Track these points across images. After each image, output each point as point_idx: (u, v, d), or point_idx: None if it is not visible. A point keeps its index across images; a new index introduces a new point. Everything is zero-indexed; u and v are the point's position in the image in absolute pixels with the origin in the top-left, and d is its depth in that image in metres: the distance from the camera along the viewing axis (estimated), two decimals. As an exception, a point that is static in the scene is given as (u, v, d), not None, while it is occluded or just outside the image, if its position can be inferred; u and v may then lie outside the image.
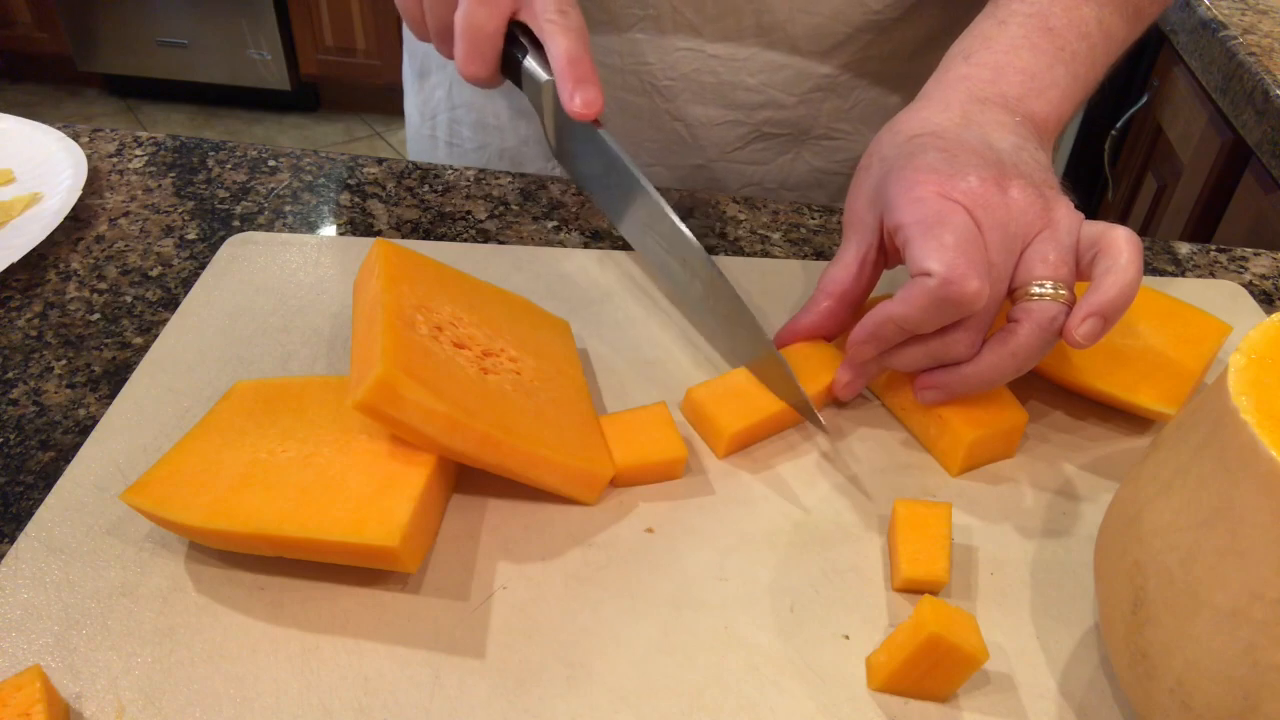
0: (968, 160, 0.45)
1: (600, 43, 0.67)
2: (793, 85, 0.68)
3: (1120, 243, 0.43)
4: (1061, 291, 0.43)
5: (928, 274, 0.42)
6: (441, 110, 0.77)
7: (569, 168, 0.59)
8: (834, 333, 0.50)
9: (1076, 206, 0.47)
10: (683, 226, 0.51)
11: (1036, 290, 0.44)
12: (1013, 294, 0.45)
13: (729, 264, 0.59)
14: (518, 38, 0.54)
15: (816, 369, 0.49)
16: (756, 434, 0.48)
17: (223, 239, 0.60)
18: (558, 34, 0.51)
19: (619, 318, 0.55)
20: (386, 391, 0.39)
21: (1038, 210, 0.45)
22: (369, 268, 0.45)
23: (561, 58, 0.51)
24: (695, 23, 0.65)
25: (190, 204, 0.64)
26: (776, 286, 0.58)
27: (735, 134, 0.70)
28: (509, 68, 0.55)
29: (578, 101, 0.51)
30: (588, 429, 0.45)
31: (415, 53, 0.79)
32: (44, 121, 0.68)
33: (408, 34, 0.79)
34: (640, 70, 0.68)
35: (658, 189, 0.53)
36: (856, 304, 0.50)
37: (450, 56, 0.55)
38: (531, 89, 0.55)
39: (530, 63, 0.54)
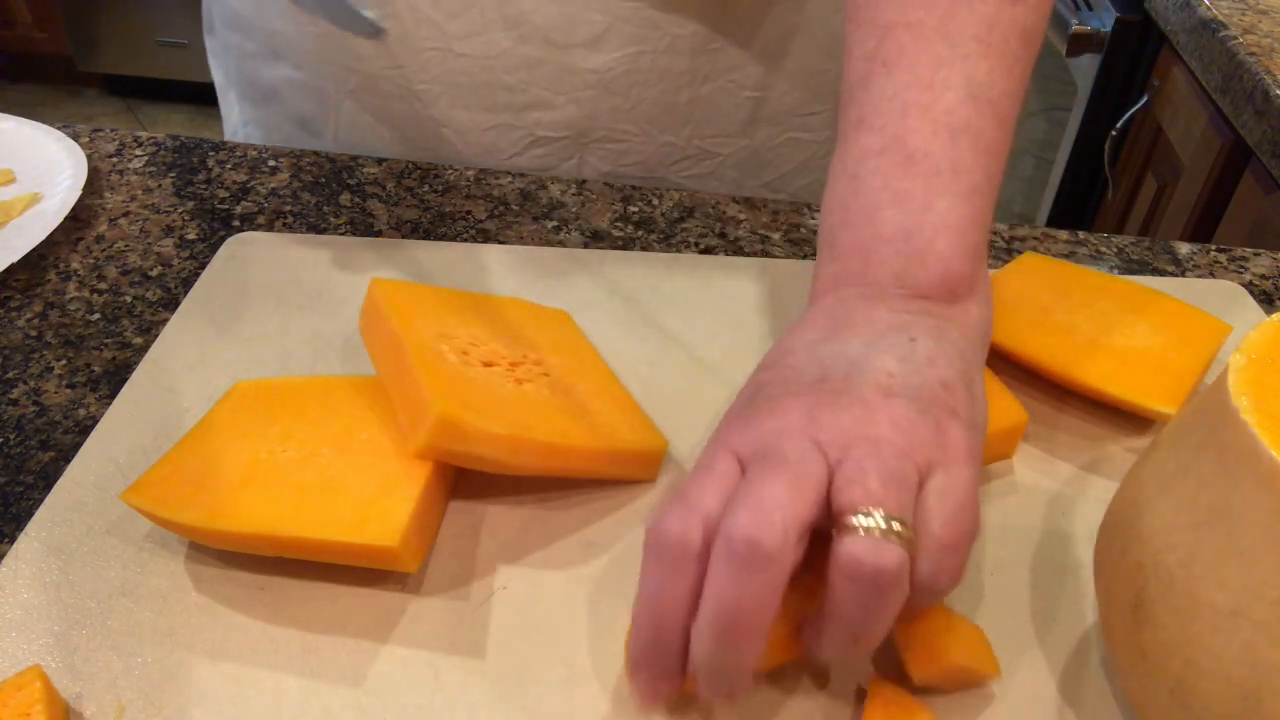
0: (786, 387, 0.37)
1: (352, 48, 0.64)
2: (557, 83, 0.64)
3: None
4: (893, 523, 0.32)
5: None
6: (238, 126, 0.78)
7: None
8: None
9: (1074, 208, 0.44)
10: None
11: (858, 521, 0.32)
12: (834, 519, 0.33)
13: (729, 264, 0.59)
14: None
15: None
16: None
17: (223, 239, 0.60)
18: None
19: (619, 318, 0.55)
20: (448, 430, 0.39)
21: (875, 421, 0.34)
22: (373, 309, 0.45)
23: None
24: (435, 18, 0.61)
25: (190, 204, 0.64)
26: (776, 286, 0.58)
27: (508, 139, 0.66)
28: None
29: None
30: (630, 409, 0.46)
31: (216, 77, 0.79)
32: (44, 121, 0.68)
33: (210, 58, 0.78)
34: (394, 75, 0.65)
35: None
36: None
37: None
38: None
39: None
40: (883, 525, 0.31)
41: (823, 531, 0.33)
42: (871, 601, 0.32)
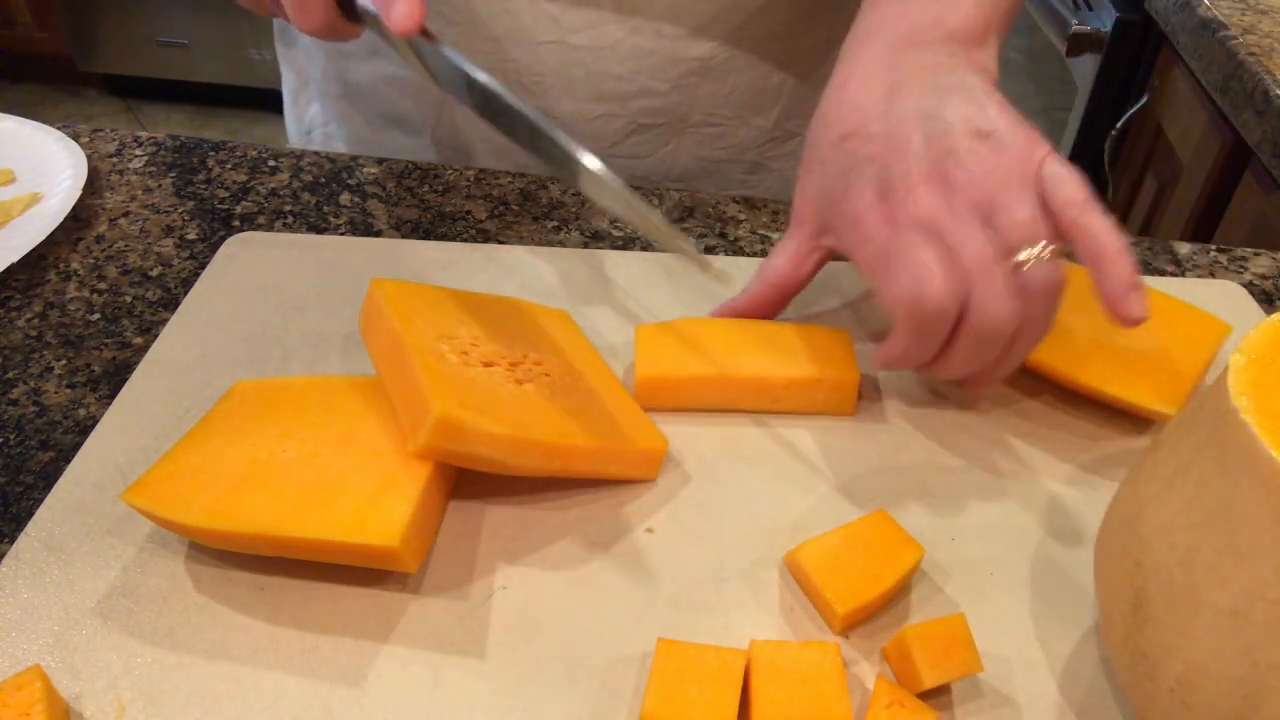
0: (901, 167, 0.44)
1: (462, 44, 0.66)
2: (663, 71, 0.66)
3: (1086, 217, 0.42)
4: (1049, 248, 0.43)
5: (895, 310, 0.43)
6: (317, 125, 0.77)
7: (452, 94, 0.55)
8: (767, 316, 0.52)
9: None
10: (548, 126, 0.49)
11: (1024, 256, 0.43)
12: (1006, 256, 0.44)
13: (729, 264, 0.59)
14: None
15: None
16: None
17: (223, 239, 0.60)
18: None
19: (619, 318, 0.55)
20: (447, 430, 0.39)
21: (985, 172, 0.43)
22: (374, 310, 0.45)
23: None
24: (554, 13, 0.64)
25: (190, 204, 0.64)
26: (776, 286, 0.58)
27: (612, 128, 0.69)
28: (350, 13, 0.50)
29: (395, 18, 0.47)
30: (629, 409, 0.46)
31: (289, 71, 0.79)
32: (44, 121, 0.68)
33: (280, 51, 0.79)
34: (506, 68, 0.66)
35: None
36: (792, 292, 0.52)
37: (279, 15, 0.50)
38: (372, 25, 0.50)
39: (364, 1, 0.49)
40: (1047, 254, 0.43)
41: None
42: (1055, 309, 0.44)
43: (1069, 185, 0.43)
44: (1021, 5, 0.55)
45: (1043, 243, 0.43)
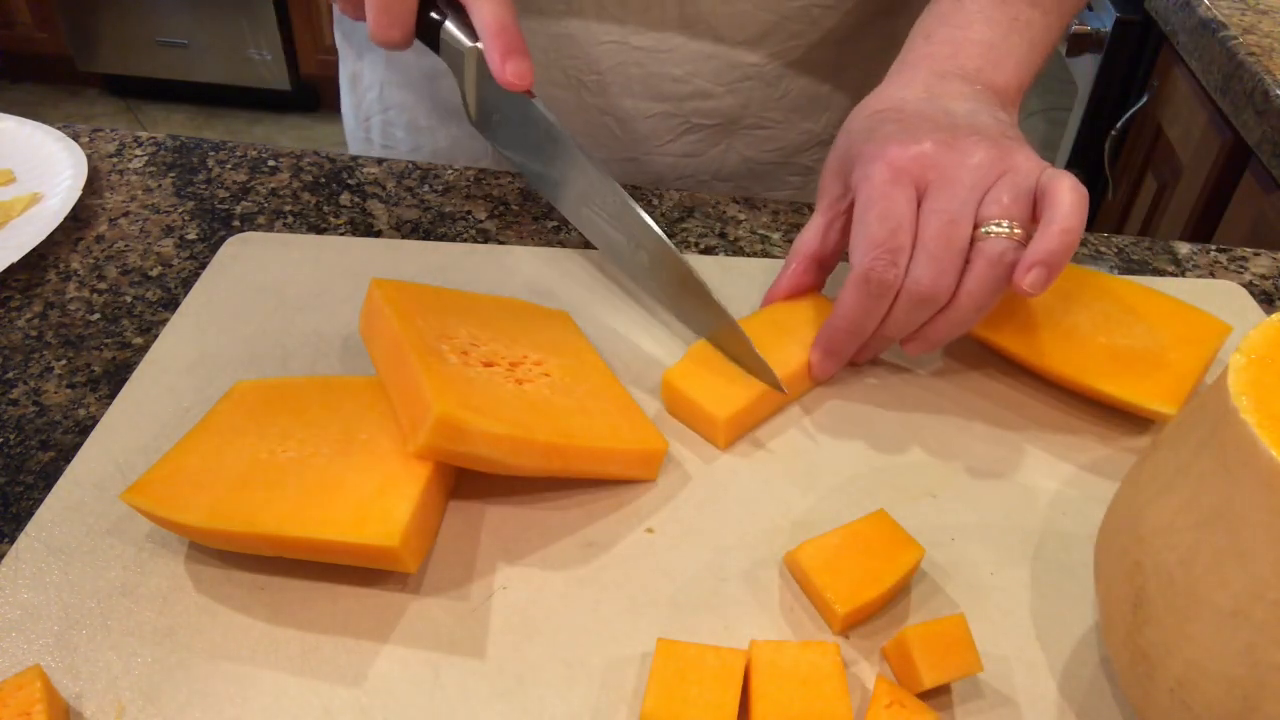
0: (921, 127, 0.48)
1: (527, 39, 0.67)
2: (720, 75, 0.68)
3: (1063, 192, 0.45)
4: (1016, 230, 0.45)
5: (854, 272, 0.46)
6: (375, 113, 0.77)
7: (490, 136, 0.57)
8: (809, 290, 0.53)
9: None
10: (629, 199, 0.52)
11: (992, 229, 0.45)
12: (973, 238, 0.46)
13: (729, 264, 0.59)
14: (432, 8, 0.52)
15: (803, 325, 0.51)
16: (752, 416, 0.48)
17: (223, 239, 0.60)
18: (483, 1, 0.50)
19: (620, 318, 0.55)
20: (448, 430, 0.39)
21: (993, 159, 0.47)
22: (374, 310, 0.45)
23: (489, 25, 0.50)
24: (619, 15, 0.65)
25: (190, 204, 0.64)
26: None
27: (666, 126, 0.70)
28: (425, 31, 0.52)
29: (509, 72, 0.50)
30: (629, 409, 0.46)
31: (348, 56, 0.79)
32: (44, 121, 0.68)
33: (339, 39, 0.79)
34: (566, 65, 0.67)
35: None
36: (826, 263, 0.53)
37: (359, 18, 0.53)
38: (452, 56, 0.52)
39: (451, 28, 0.51)
40: (1013, 232, 0.45)
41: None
42: (1000, 284, 0.45)
43: (1067, 179, 0.45)
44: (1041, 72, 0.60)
45: (1011, 222, 0.45)
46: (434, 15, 0.52)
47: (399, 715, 0.37)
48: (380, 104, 0.76)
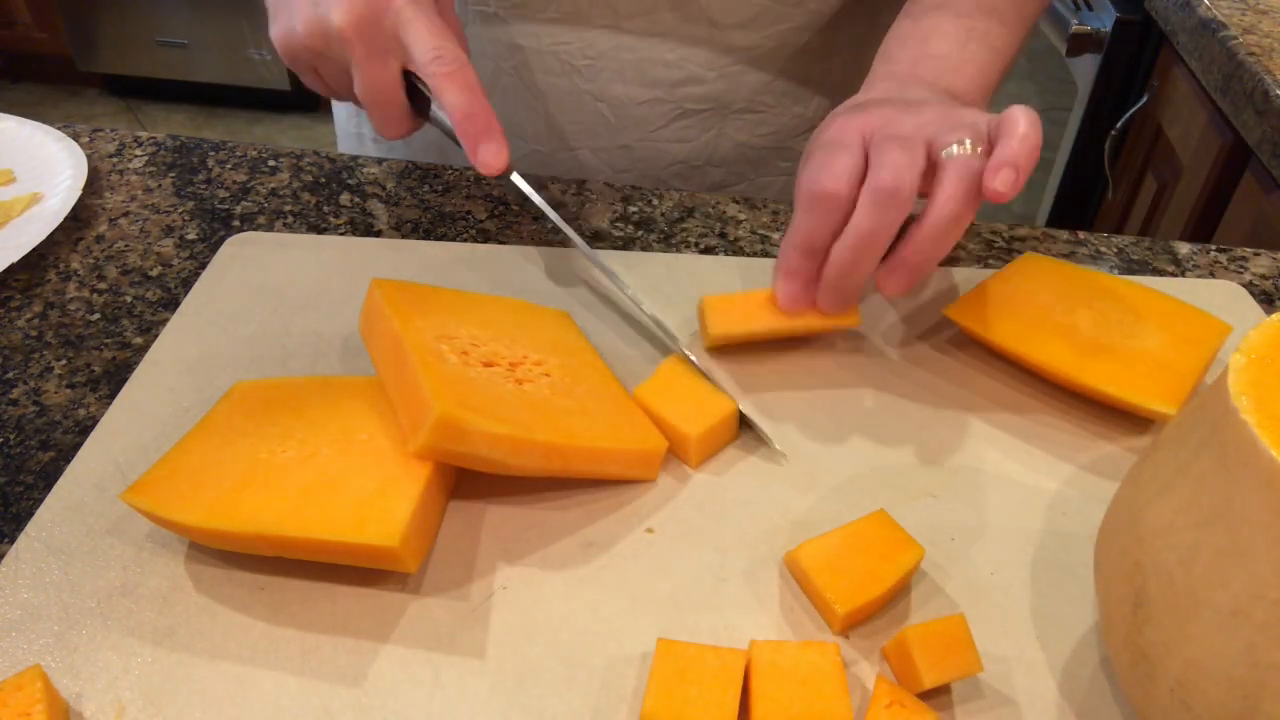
0: (877, 106, 0.50)
1: (517, 26, 0.67)
2: (711, 60, 0.68)
3: (1016, 113, 0.46)
4: (977, 147, 0.46)
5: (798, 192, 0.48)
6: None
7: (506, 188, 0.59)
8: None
9: (1074, 208, 0.49)
10: (599, 271, 0.54)
11: (954, 150, 0.46)
12: (933, 166, 0.47)
13: (729, 264, 0.59)
14: (417, 86, 0.53)
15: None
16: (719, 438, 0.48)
17: (223, 239, 0.60)
18: (445, 88, 0.51)
19: (619, 318, 0.55)
20: (448, 430, 0.39)
21: (941, 114, 0.48)
22: (374, 310, 0.45)
23: (455, 114, 0.51)
24: (611, 0, 0.65)
25: (190, 204, 0.64)
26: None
27: (658, 112, 0.70)
28: (421, 114, 0.55)
29: (480, 161, 0.51)
30: (629, 409, 0.47)
31: None
32: (44, 121, 0.68)
33: None
34: (559, 51, 0.68)
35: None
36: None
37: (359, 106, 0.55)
38: (450, 133, 0.54)
39: (437, 111, 0.53)
40: (975, 149, 0.46)
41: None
42: (971, 193, 0.46)
43: (1017, 107, 0.47)
44: (1008, 76, 0.62)
45: (971, 141, 0.46)
46: (419, 105, 0.54)
47: (399, 715, 0.37)
48: None
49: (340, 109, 0.81)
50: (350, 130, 0.81)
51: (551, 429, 0.42)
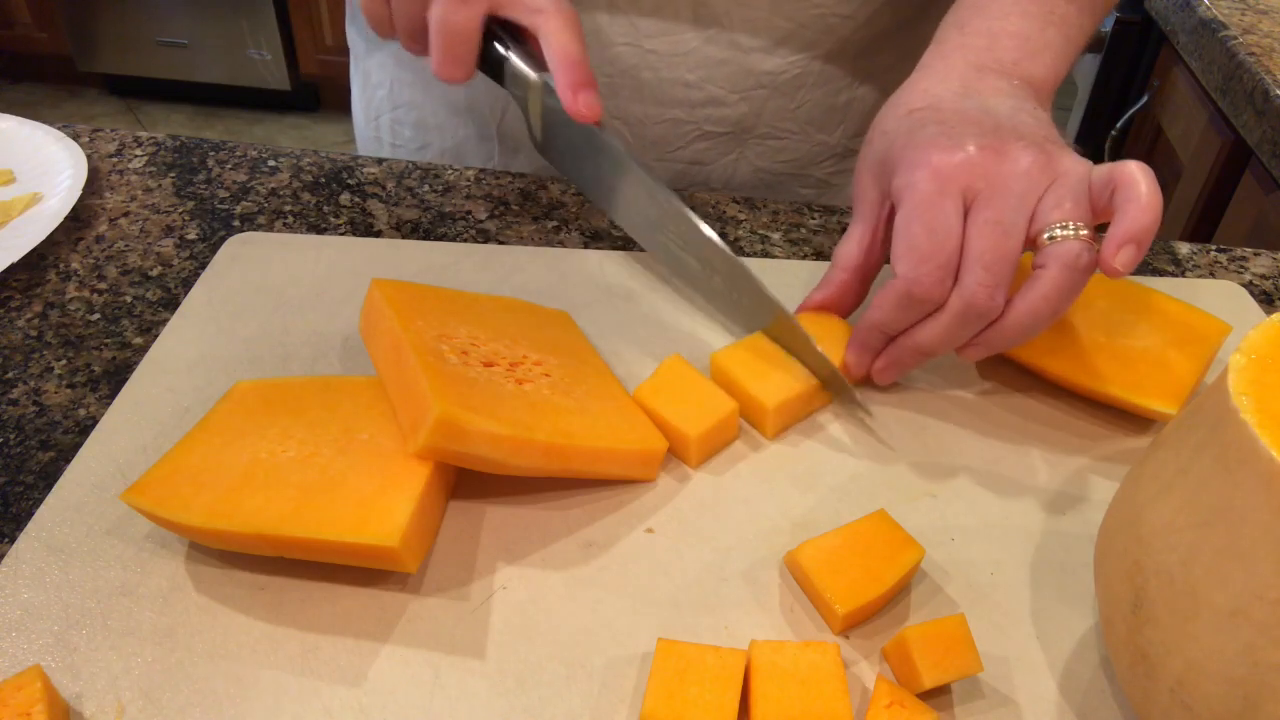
0: (965, 130, 0.46)
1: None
2: (734, 82, 0.67)
3: (1135, 174, 0.44)
4: (1082, 231, 0.44)
5: (896, 275, 0.45)
6: (384, 111, 0.77)
7: (556, 162, 0.58)
8: (849, 306, 0.52)
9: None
10: (700, 223, 0.51)
11: (1058, 233, 0.44)
12: (1034, 244, 0.45)
13: (729, 264, 0.59)
14: (496, 32, 0.52)
15: (830, 347, 0.49)
16: (797, 409, 0.49)
17: (223, 239, 0.60)
18: (554, 29, 0.50)
19: (619, 318, 0.55)
20: (448, 430, 0.39)
21: (1041, 165, 0.45)
22: (374, 309, 0.45)
23: (559, 59, 0.50)
24: (631, 14, 0.64)
25: (190, 204, 0.64)
26: (777, 286, 0.57)
27: (677, 133, 0.69)
28: (487, 64, 0.54)
29: (581, 104, 0.50)
30: (629, 410, 0.46)
31: (359, 54, 0.78)
32: (44, 121, 0.68)
33: (351, 35, 0.79)
34: None
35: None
36: (869, 276, 0.52)
37: (421, 54, 0.53)
38: (517, 87, 0.53)
39: (515, 61, 0.52)
40: (1079, 232, 0.44)
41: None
42: (1072, 287, 0.44)
43: (1131, 162, 0.45)
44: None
45: (1076, 223, 0.44)
46: (498, 47, 0.53)
47: (399, 715, 0.37)
48: (390, 101, 0.76)
49: (359, 111, 0.81)
50: (369, 134, 0.80)
51: (551, 429, 0.42)
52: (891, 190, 0.47)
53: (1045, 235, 0.44)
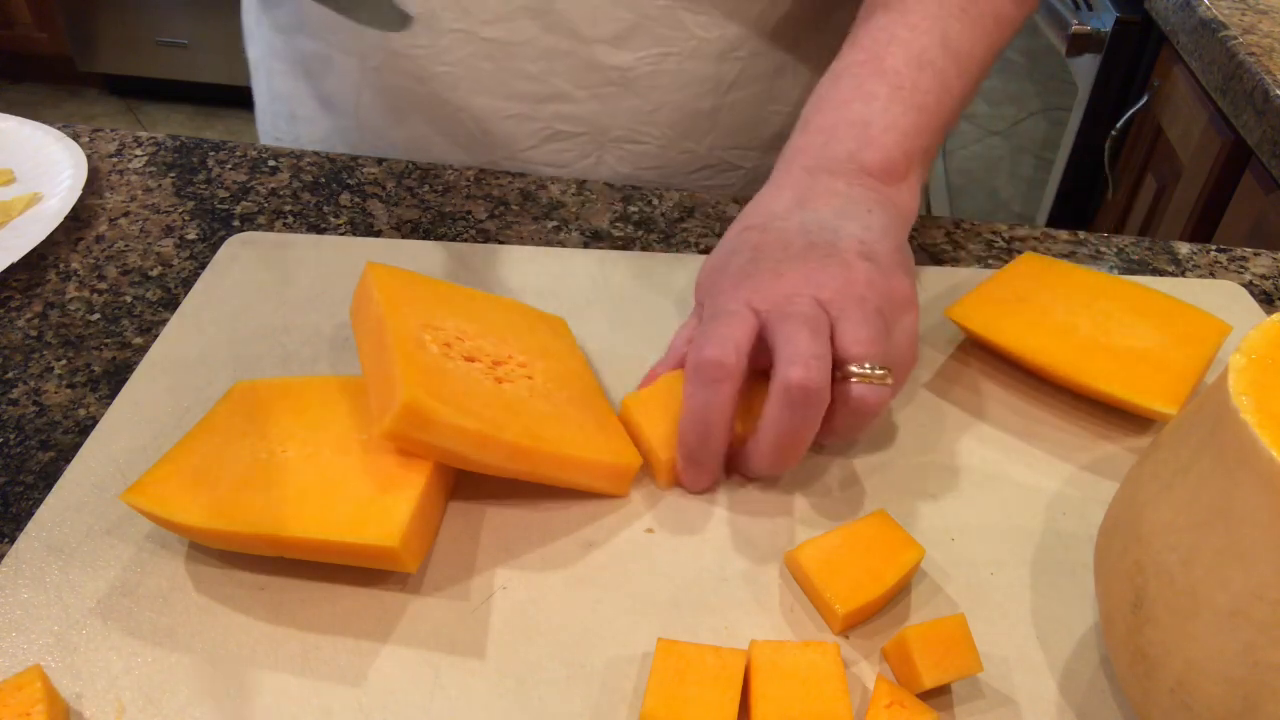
0: (778, 255, 0.45)
1: (373, 30, 0.63)
2: (579, 77, 0.64)
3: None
4: (887, 378, 0.42)
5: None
6: (266, 102, 0.76)
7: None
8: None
9: (1074, 208, 0.47)
10: None
11: (858, 371, 0.42)
12: (835, 368, 0.42)
13: (729, 264, 0.59)
14: None
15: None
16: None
17: (223, 239, 0.60)
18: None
19: (618, 318, 0.55)
20: (413, 417, 0.39)
21: (857, 281, 0.44)
22: (364, 294, 0.45)
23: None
24: (465, 1, 0.61)
25: (190, 204, 0.64)
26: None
27: (526, 130, 0.66)
28: None
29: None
30: (608, 423, 0.46)
31: (251, 45, 0.76)
32: (44, 121, 0.68)
33: (247, 23, 0.76)
34: (414, 55, 0.64)
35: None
36: None
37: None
38: None
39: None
40: (878, 372, 0.42)
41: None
42: (863, 422, 0.43)
43: (905, 350, 0.45)
44: (952, 128, 0.55)
45: (875, 364, 0.42)
46: None
47: (399, 715, 0.37)
48: (269, 93, 0.75)
49: (263, 97, 0.77)
50: (265, 126, 0.78)
51: (521, 430, 0.41)
52: (702, 304, 0.47)
53: (850, 367, 0.42)
